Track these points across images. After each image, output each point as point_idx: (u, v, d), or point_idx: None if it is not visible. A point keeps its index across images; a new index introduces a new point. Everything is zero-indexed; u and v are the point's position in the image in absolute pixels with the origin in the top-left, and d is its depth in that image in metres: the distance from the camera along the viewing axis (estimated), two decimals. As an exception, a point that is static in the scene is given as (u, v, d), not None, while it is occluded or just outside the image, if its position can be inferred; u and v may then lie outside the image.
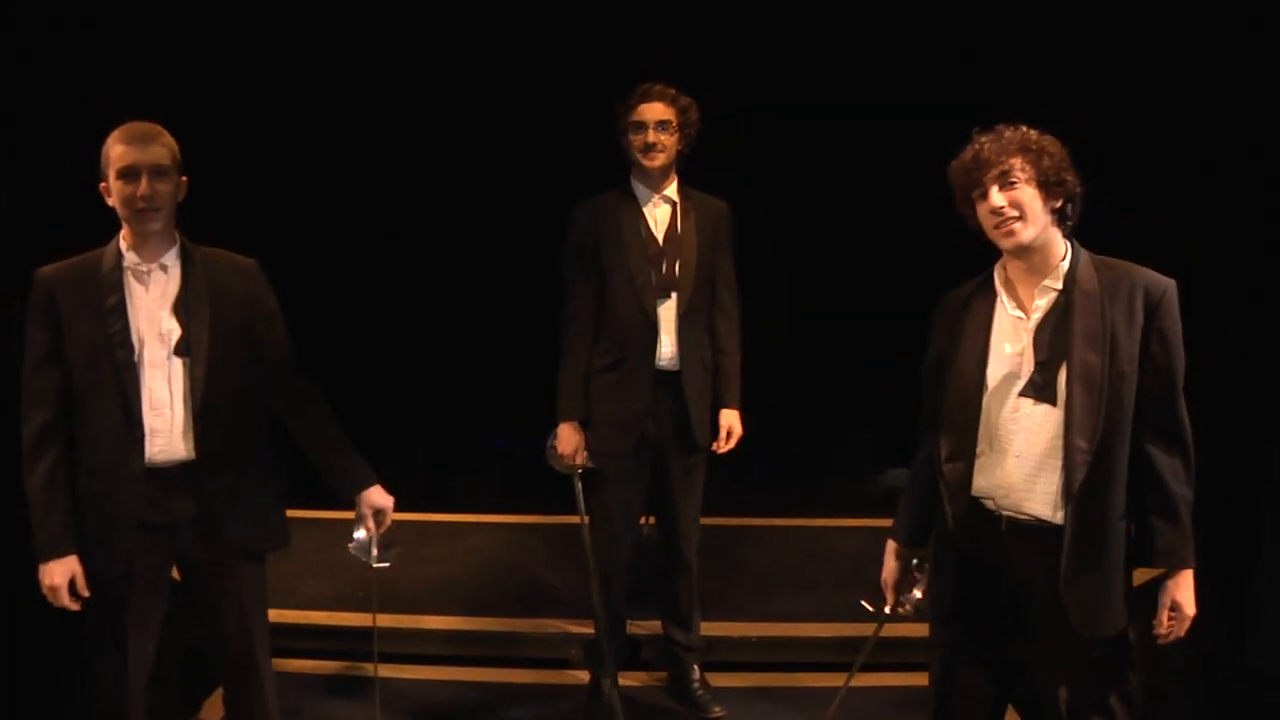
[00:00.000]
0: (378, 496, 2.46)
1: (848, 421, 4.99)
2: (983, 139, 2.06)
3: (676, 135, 2.97)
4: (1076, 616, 2.04)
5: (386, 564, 2.49)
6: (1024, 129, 2.05)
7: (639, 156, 2.97)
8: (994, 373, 2.11)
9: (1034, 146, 2.02)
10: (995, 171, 2.01)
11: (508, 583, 3.87)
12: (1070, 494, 2.02)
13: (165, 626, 2.44)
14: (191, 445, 2.32)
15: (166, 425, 2.30)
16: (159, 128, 2.29)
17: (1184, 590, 2.06)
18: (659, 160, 2.96)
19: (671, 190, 3.06)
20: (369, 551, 2.46)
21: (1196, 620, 2.08)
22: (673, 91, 2.97)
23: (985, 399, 2.11)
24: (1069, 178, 2.04)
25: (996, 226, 2.03)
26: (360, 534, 2.46)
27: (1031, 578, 2.10)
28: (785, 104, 4.46)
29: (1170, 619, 2.08)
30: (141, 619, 2.37)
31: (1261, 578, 3.49)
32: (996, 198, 2.01)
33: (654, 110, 2.95)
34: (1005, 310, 2.12)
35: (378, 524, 2.47)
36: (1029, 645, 2.18)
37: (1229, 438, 3.45)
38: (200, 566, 2.41)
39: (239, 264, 2.44)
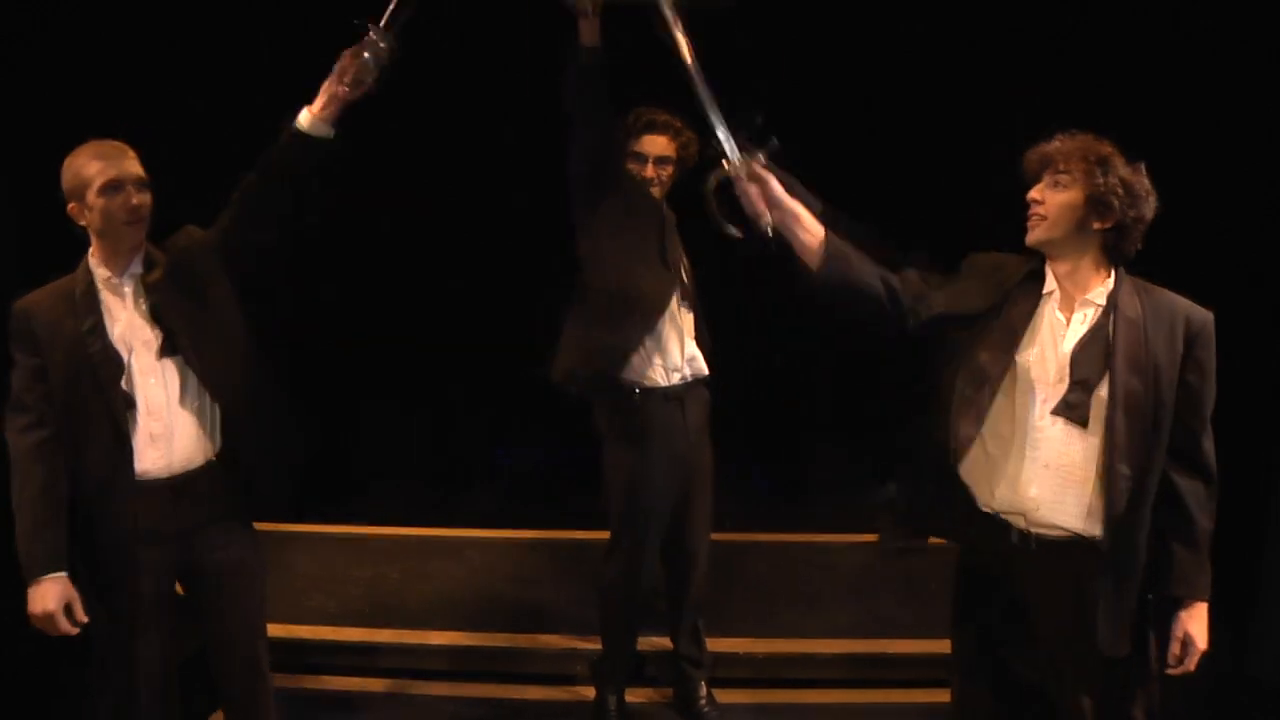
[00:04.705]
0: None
1: (849, 434, 4.97)
2: (1064, 137, 2.10)
3: (674, 170, 2.92)
4: (1102, 634, 2.04)
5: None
6: (1103, 142, 2.07)
7: None
8: (1024, 377, 2.09)
9: (1097, 159, 2.03)
10: (1051, 169, 2.08)
11: (513, 598, 3.85)
12: (1111, 518, 2.01)
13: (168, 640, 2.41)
14: (200, 447, 2.34)
15: (167, 430, 2.29)
16: (123, 144, 2.29)
17: (1197, 623, 2.07)
18: (655, 195, 2.93)
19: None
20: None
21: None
22: (678, 124, 2.88)
23: (1014, 404, 2.10)
24: (1117, 203, 2.02)
25: (1026, 216, 2.11)
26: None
27: (1049, 590, 2.10)
28: (784, 103, 4.46)
29: (1181, 651, 2.08)
30: (149, 635, 2.34)
31: (1264, 588, 3.50)
32: (1036, 191, 2.09)
33: (656, 144, 2.89)
34: (1052, 313, 2.11)
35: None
36: (1047, 658, 2.18)
37: (1232, 449, 3.45)
38: (207, 572, 2.40)
39: (184, 242, 2.41)
